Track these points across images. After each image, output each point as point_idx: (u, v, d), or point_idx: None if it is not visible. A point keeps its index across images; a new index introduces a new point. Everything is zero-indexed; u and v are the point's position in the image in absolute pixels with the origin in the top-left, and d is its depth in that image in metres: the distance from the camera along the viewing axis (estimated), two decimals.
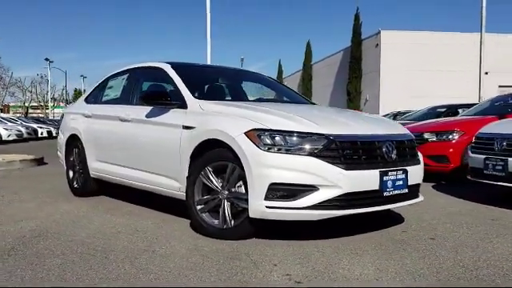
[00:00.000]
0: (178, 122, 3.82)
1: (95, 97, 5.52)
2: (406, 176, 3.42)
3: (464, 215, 4.31)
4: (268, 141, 3.16)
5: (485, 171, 4.85)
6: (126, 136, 4.49)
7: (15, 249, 3.20)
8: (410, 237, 3.49)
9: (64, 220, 4.13)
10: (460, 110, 11.48)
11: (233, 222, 3.37)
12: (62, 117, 6.11)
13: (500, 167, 4.66)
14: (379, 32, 30.70)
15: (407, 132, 3.75)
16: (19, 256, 3.03)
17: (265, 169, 3.10)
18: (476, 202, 4.93)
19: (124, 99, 4.85)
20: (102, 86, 5.42)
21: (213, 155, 3.47)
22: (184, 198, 3.77)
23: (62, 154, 5.84)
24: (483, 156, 4.91)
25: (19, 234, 3.62)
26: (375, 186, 3.21)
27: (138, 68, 4.83)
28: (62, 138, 5.75)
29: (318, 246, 3.22)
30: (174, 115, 3.92)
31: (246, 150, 3.18)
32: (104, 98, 5.30)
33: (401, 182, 3.36)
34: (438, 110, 11.91)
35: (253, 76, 5.14)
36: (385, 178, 3.24)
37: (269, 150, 3.14)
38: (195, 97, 3.94)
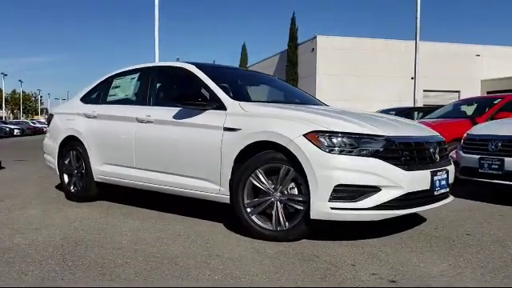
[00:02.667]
0: (218, 124, 3.76)
1: (96, 96, 5.23)
2: (448, 175, 3.64)
3: (474, 211, 4.64)
4: (330, 143, 3.21)
5: (480, 170, 5.24)
6: (148, 138, 4.32)
7: (67, 259, 2.98)
8: (447, 234, 3.70)
9: (87, 227, 3.89)
10: (416, 114, 12.29)
11: (287, 223, 3.38)
12: (50, 117, 5.72)
13: (496, 166, 5.06)
14: (315, 37, 31.70)
15: (438, 134, 3.98)
16: (81, 265, 2.84)
17: (329, 170, 3.16)
18: (475, 200, 5.31)
19: (139, 99, 4.65)
20: (105, 86, 5.16)
21: (264, 157, 3.46)
22: (225, 201, 3.72)
23: (52, 157, 5.46)
24: (477, 156, 5.30)
25: (53, 243, 3.37)
26: (427, 185, 3.39)
27: (155, 67, 4.67)
28: (55, 140, 5.39)
29: (373, 245, 3.33)
30: (211, 117, 3.85)
31: (307, 152, 3.21)
32: (110, 98, 5.03)
33: (444, 182, 3.58)
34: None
35: (268, 78, 5.14)
36: (434, 178, 3.43)
37: (331, 151, 3.20)
38: (232, 98, 3.90)
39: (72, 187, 5.18)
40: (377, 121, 3.65)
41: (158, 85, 4.61)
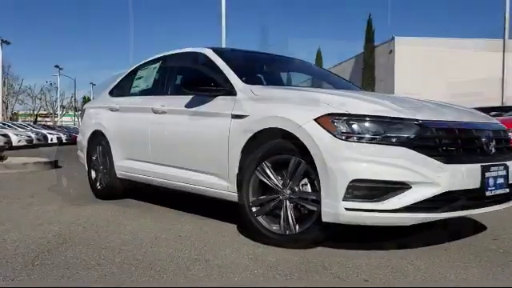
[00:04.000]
0: (226, 111, 3.29)
1: (121, 89, 5.00)
2: (507, 172, 2.85)
3: None
4: (346, 128, 2.61)
5: None
6: (161, 129, 3.97)
7: (40, 257, 2.66)
8: (508, 247, 2.91)
9: (91, 225, 3.59)
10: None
11: (297, 227, 2.81)
12: (83, 112, 5.60)
13: None
14: (393, 38, 30.23)
15: (498, 122, 3.20)
16: (46, 266, 2.49)
17: (344, 162, 2.55)
18: None
19: (157, 89, 4.32)
20: (130, 77, 4.91)
21: (272, 148, 2.92)
22: (233, 199, 3.23)
23: (83, 153, 5.31)
24: None
25: (42, 240, 3.08)
26: (476, 183, 2.65)
27: (173, 55, 4.31)
28: (84, 135, 5.24)
29: (404, 257, 2.65)
30: (220, 103, 3.40)
31: (318, 140, 2.63)
32: (133, 90, 4.77)
33: (502, 180, 2.79)
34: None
35: (300, 63, 4.58)
36: (487, 175, 2.68)
37: (347, 139, 2.59)
38: (244, 82, 3.41)
39: (98, 184, 4.97)
40: (410, 103, 2.97)
41: (175, 73, 4.24)
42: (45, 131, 26.73)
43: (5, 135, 19.76)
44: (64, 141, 27.41)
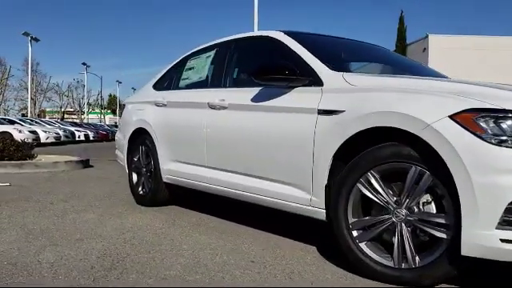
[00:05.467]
0: (310, 105, 2.63)
1: (168, 81, 4.39)
2: None
3: None
4: (499, 130, 1.92)
5: None
6: (220, 128, 3.34)
7: None
8: None
9: (139, 241, 2.98)
10: None
11: (417, 259, 2.13)
12: (123, 108, 5.02)
13: None
14: (427, 36, 29.21)
15: None
16: None
17: (498, 176, 1.86)
18: None
19: (213, 81, 3.69)
20: (178, 68, 4.29)
21: (382, 153, 2.24)
22: (317, 216, 2.58)
23: (122, 154, 4.74)
24: None
25: (84, 262, 2.48)
26: None
27: (233, 41, 3.66)
28: (124, 134, 4.66)
29: None
30: (300, 96, 2.74)
31: (457, 144, 1.95)
32: (182, 83, 4.15)
33: None
34: None
35: (380, 50, 3.85)
36: None
37: (501, 143, 1.90)
38: (332, 69, 2.74)
39: (140, 189, 4.38)
40: None
41: (237, 61, 3.60)
42: (72, 128, 26.62)
43: (33, 132, 19.61)
44: (91, 138, 27.27)
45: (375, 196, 2.25)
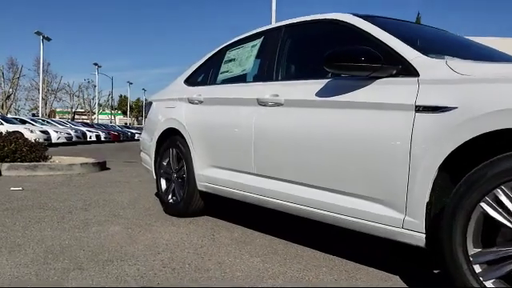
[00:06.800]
0: (403, 100, 2.10)
1: (204, 76, 3.88)
2: None
3: None
4: None
5: None
6: (274, 128, 2.80)
7: None
8: None
9: (181, 263, 2.46)
10: None
11: None
12: (148, 106, 4.51)
13: None
14: None
15: None
16: None
17: None
18: None
19: (261, 74, 3.17)
20: (216, 61, 3.76)
21: None
22: (415, 242, 2.03)
23: (149, 156, 4.23)
24: None
25: None
26: None
27: (284, 27, 3.12)
28: (151, 135, 4.15)
29: None
30: (387, 88, 2.21)
31: None
32: (221, 76, 3.62)
33: None
34: None
35: (453, 35, 3.27)
36: None
37: None
38: (427, 55, 2.20)
39: (170, 197, 3.87)
40: None
41: (293, 50, 3.06)
42: (84, 128, 26.27)
43: (45, 132, 19.23)
44: (102, 139, 26.90)
45: (508, 219, 1.70)
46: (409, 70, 2.17)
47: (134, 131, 38.32)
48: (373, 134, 2.20)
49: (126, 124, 61.41)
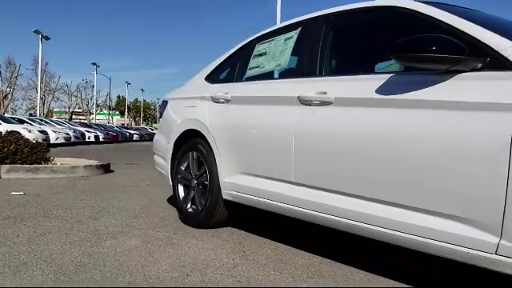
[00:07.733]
0: (497, 99, 1.73)
1: (230, 72, 3.51)
2: None
3: None
4: None
5: None
6: (323, 131, 2.43)
7: None
8: None
9: None
10: None
11: None
12: (164, 105, 4.12)
13: None
14: None
15: None
16: None
17: None
18: None
19: (300, 69, 2.81)
20: (243, 55, 3.40)
21: None
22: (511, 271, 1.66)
23: (164, 160, 3.85)
24: None
25: None
26: None
27: (327, 16, 2.76)
28: (168, 136, 3.77)
29: None
30: (471, 85, 1.85)
31: None
32: (251, 72, 3.25)
33: None
34: None
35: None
36: None
37: None
38: None
39: (189, 205, 3.49)
40: None
41: (339, 42, 2.70)
42: (82, 129, 25.83)
43: (43, 132, 18.80)
44: (101, 139, 26.47)
45: None
46: (498, 64, 1.81)
47: (132, 132, 37.91)
48: (455, 139, 1.83)
49: (123, 124, 60.91)
